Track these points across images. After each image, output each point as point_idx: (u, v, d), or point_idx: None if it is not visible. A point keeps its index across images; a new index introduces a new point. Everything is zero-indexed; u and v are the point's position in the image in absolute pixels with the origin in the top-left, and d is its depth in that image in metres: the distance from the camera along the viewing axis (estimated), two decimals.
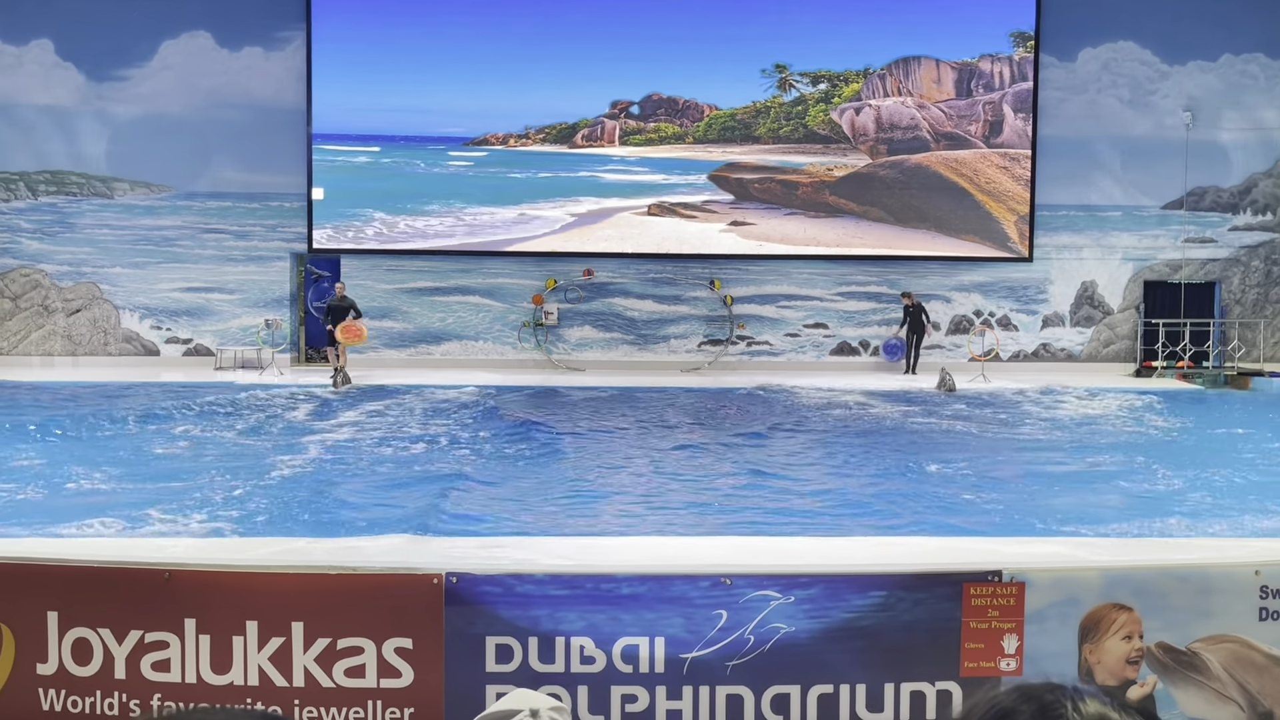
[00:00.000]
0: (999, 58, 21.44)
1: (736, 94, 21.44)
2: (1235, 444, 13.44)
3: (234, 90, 21.02)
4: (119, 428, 13.68)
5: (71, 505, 9.15)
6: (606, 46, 21.27)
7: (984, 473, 11.26)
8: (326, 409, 15.86)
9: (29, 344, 21.17)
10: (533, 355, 21.44)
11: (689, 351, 21.64)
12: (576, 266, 21.44)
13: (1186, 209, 21.79)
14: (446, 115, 21.26)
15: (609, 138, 21.47)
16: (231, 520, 8.59)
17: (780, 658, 3.93)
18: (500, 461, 11.70)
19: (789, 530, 8.21)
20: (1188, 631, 4.02)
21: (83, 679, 3.98)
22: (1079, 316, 21.92)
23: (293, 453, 12.05)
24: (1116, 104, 21.62)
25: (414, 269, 21.45)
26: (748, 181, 21.48)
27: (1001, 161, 21.47)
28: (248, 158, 21.06)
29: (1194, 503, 9.76)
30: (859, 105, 21.47)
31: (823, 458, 12.11)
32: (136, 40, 20.83)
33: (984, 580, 4.01)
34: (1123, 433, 14.41)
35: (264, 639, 3.93)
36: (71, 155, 21.07)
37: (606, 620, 3.93)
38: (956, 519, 8.96)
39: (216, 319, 21.26)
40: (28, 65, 20.88)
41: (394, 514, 8.96)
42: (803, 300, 21.68)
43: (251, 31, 21.02)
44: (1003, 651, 4.00)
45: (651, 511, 9.33)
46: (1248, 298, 21.99)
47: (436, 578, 3.94)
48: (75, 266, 21.15)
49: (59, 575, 4.03)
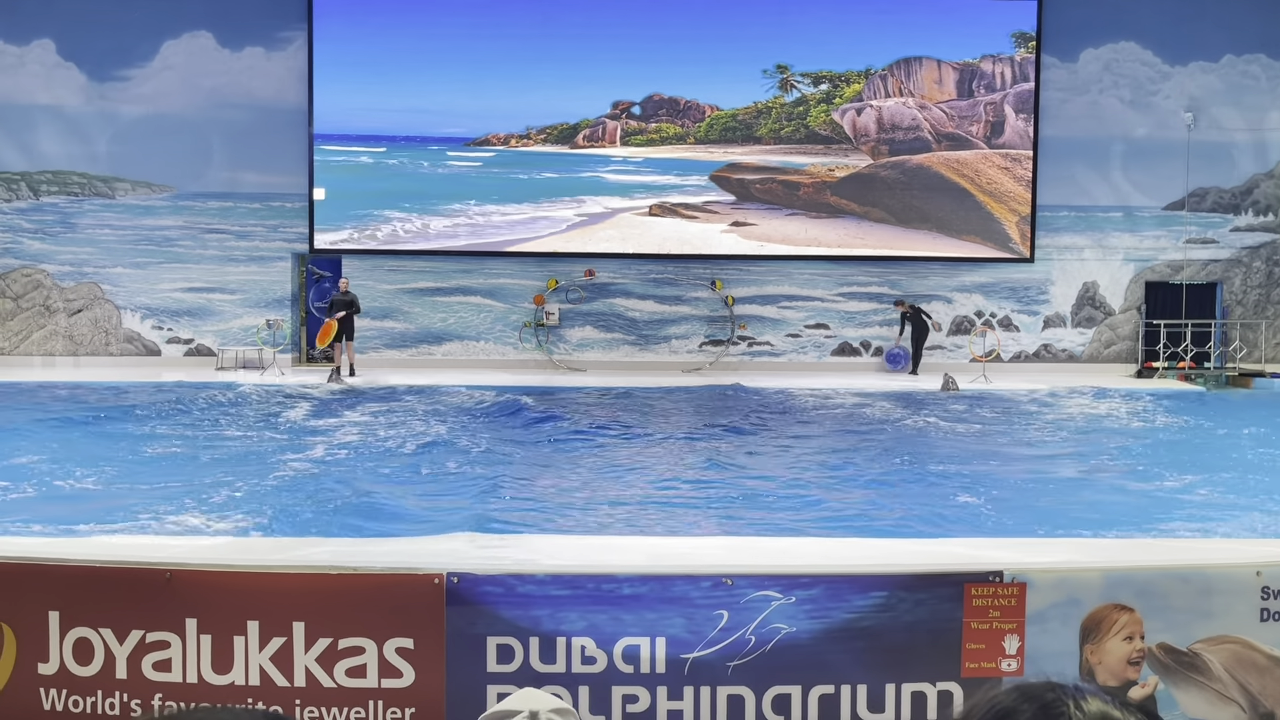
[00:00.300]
0: (1000, 58, 21.44)
1: (738, 94, 21.44)
2: (1237, 445, 13.43)
3: (235, 90, 21.03)
4: (120, 427, 13.69)
5: (72, 505, 9.16)
6: (608, 47, 21.28)
7: (985, 473, 11.26)
8: (324, 409, 15.86)
9: (30, 344, 21.18)
10: (534, 356, 21.44)
11: (690, 352, 21.64)
12: (578, 267, 21.44)
13: (1188, 210, 21.79)
14: (447, 115, 21.27)
15: (610, 138, 21.48)
16: (232, 520, 8.60)
17: (781, 658, 3.93)
18: (513, 461, 11.70)
19: (790, 531, 8.21)
20: (1189, 632, 4.02)
21: (84, 679, 3.98)
22: (1080, 317, 21.92)
23: (292, 452, 12.05)
24: (1118, 105, 21.62)
25: (415, 269, 21.46)
26: (749, 182, 21.49)
27: (1003, 162, 21.47)
28: (249, 158, 21.08)
29: (1195, 503, 9.75)
30: (860, 106, 21.47)
31: (823, 458, 12.10)
32: (138, 40, 20.84)
33: (985, 581, 4.01)
34: (1124, 434, 14.41)
35: (265, 639, 3.93)
36: (73, 155, 21.09)
37: (608, 620, 3.94)
38: (957, 519, 8.96)
39: (218, 319, 21.27)
40: (29, 65, 20.90)
41: (397, 513, 8.96)
42: (804, 301, 21.68)
43: (253, 32, 21.03)
44: (1004, 652, 4.00)
45: (653, 510, 9.34)
46: (1249, 298, 21.99)
47: (438, 578, 3.95)
48: (77, 266, 21.17)
49: (60, 575, 4.04)
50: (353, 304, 19.45)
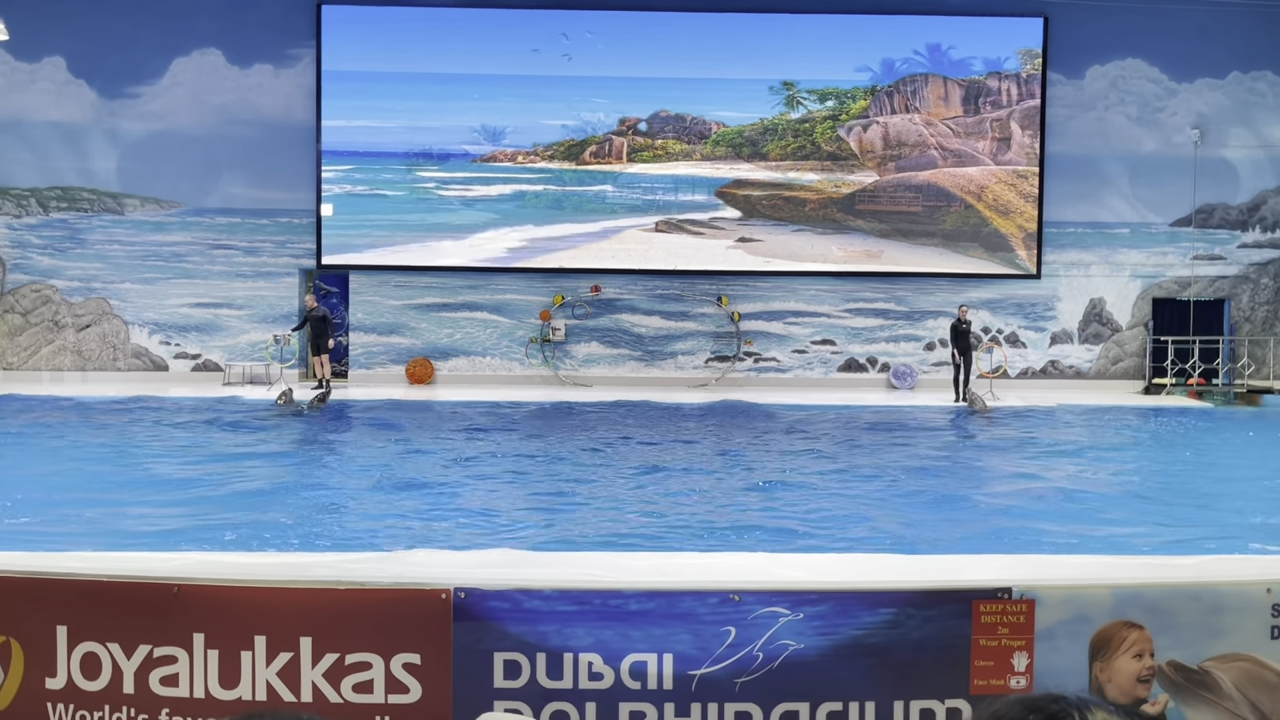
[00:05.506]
0: (1006, 75, 21.48)
1: (744, 111, 21.50)
2: (1246, 461, 13.38)
3: (244, 107, 21.14)
4: (127, 442, 13.70)
5: (79, 519, 9.17)
6: (615, 64, 21.35)
7: (993, 489, 11.23)
8: (331, 424, 15.88)
9: (39, 359, 21.24)
10: (540, 371, 21.45)
11: (696, 368, 21.64)
12: (584, 283, 21.47)
13: (1195, 226, 21.77)
14: (455, 132, 21.35)
15: (617, 154, 21.53)
16: (239, 535, 8.60)
17: (789, 674, 3.91)
18: (508, 475, 11.69)
19: (798, 547, 8.19)
20: (1199, 650, 3.99)
21: (91, 693, 3.98)
22: (1087, 333, 21.88)
23: (296, 467, 12.06)
24: (1124, 121, 21.63)
25: (422, 285, 21.51)
26: (755, 198, 21.52)
27: (1009, 178, 21.48)
28: (257, 174, 21.17)
29: (1204, 520, 9.72)
30: (866, 122, 21.51)
31: (834, 474, 12.08)
32: (148, 58, 20.97)
33: (994, 597, 3.99)
34: (1131, 450, 14.36)
35: (272, 654, 3.92)
36: (82, 171, 21.19)
37: (615, 636, 3.92)
38: (966, 536, 8.93)
39: (225, 334, 21.32)
40: (40, 82, 21.03)
41: (403, 528, 8.96)
42: (810, 316, 21.68)
43: (262, 49, 21.15)
44: (1013, 669, 3.98)
45: (659, 527, 9.32)
46: (1257, 315, 21.94)
47: (444, 593, 3.94)
48: (85, 282, 21.25)
49: (68, 589, 4.04)
50: (324, 319, 19.47)
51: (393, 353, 21.43)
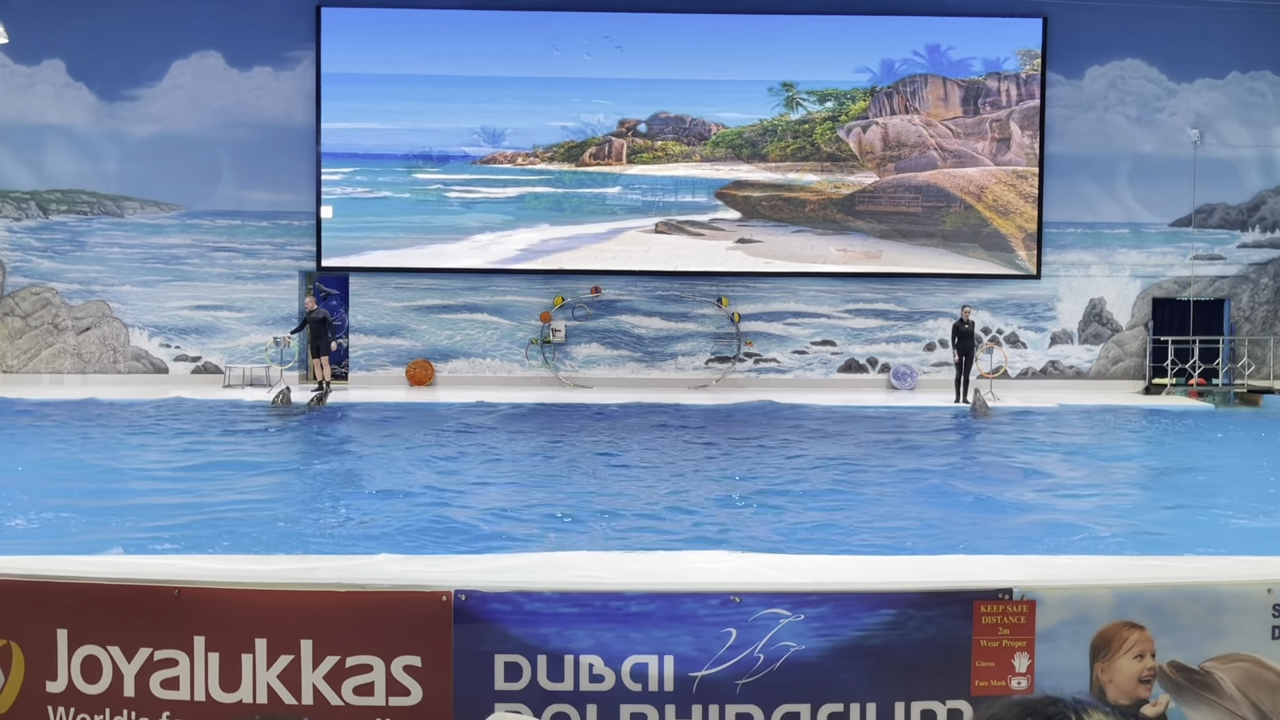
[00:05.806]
0: (1006, 75, 21.49)
1: (743, 112, 21.50)
2: (1246, 461, 13.38)
3: (244, 110, 21.15)
4: (126, 444, 13.70)
5: (80, 522, 9.17)
6: (614, 65, 21.36)
7: (995, 490, 11.23)
8: (330, 425, 15.88)
9: (39, 362, 21.25)
10: (540, 373, 21.46)
11: (696, 369, 21.64)
12: (584, 284, 21.47)
13: (1195, 226, 21.78)
14: (454, 134, 21.36)
15: (617, 156, 21.54)
16: (239, 538, 8.59)
17: (790, 676, 3.91)
18: (513, 476, 11.69)
19: (798, 548, 8.19)
20: (1200, 650, 3.99)
21: (92, 696, 3.98)
22: (1087, 334, 21.89)
23: (297, 468, 12.06)
24: (1124, 121, 21.64)
25: (422, 287, 21.51)
26: (755, 199, 21.53)
27: (1009, 179, 21.49)
28: (257, 176, 21.19)
29: (1205, 520, 9.71)
30: (866, 123, 21.52)
31: (834, 475, 12.08)
32: (147, 60, 20.98)
33: (994, 598, 3.99)
34: (1132, 450, 14.36)
35: (273, 657, 3.92)
36: (82, 174, 21.20)
37: (615, 638, 3.92)
38: (966, 536, 8.93)
39: (225, 337, 21.33)
40: (40, 85, 21.04)
41: (404, 531, 8.95)
42: (810, 317, 21.69)
43: (261, 52, 21.16)
44: (1014, 670, 3.98)
45: (660, 527, 9.32)
46: (1257, 315, 21.95)
47: (445, 595, 3.94)
48: (85, 285, 21.25)
49: (68, 593, 4.04)
50: (324, 321, 19.44)
51: (393, 355, 21.44)
